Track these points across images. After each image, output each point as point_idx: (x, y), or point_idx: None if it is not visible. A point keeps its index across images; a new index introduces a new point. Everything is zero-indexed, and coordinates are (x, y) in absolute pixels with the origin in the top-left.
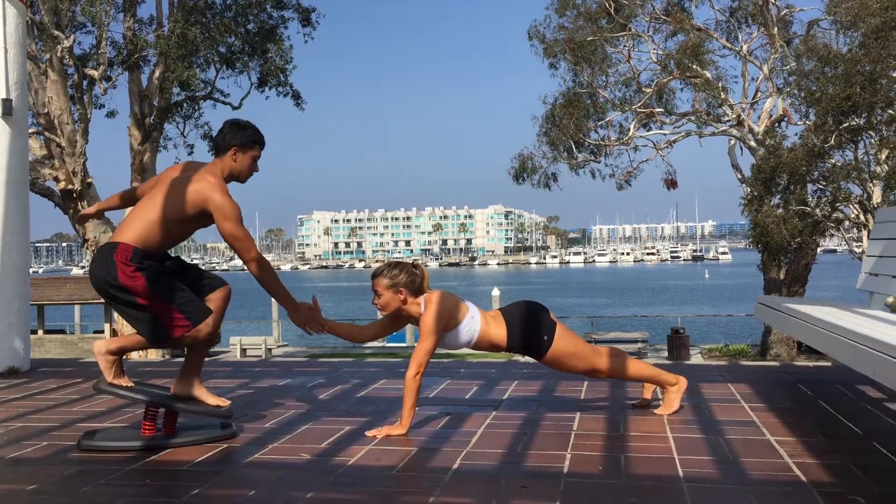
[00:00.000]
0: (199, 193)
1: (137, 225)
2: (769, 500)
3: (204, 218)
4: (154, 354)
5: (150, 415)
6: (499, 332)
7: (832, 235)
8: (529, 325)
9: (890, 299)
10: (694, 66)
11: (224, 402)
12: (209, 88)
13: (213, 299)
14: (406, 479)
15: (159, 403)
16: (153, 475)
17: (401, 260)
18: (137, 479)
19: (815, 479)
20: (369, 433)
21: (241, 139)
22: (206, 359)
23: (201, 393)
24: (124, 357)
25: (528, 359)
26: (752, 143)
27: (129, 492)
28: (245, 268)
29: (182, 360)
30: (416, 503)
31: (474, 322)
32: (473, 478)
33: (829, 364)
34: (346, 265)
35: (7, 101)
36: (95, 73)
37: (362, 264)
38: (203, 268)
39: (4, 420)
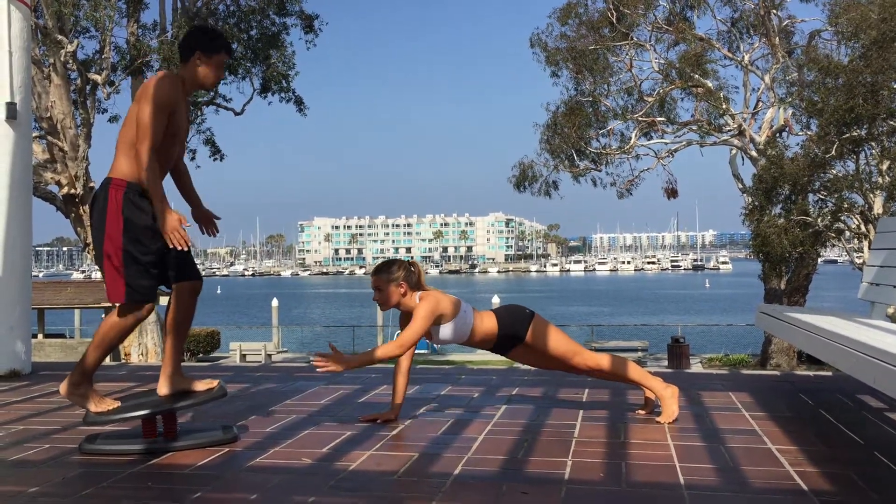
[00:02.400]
0: (142, 87)
1: (116, 157)
2: None
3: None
4: (154, 358)
5: (148, 423)
6: (490, 323)
7: (833, 246)
8: (514, 310)
9: (891, 309)
10: (696, 76)
11: (213, 384)
12: (212, 94)
13: (182, 289)
14: (407, 484)
15: (154, 413)
16: (155, 478)
17: (398, 258)
18: (140, 483)
19: (815, 487)
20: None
21: (205, 43)
22: (206, 363)
23: (188, 384)
24: (124, 360)
25: (528, 367)
26: (754, 153)
27: (132, 494)
28: (244, 274)
29: (187, 364)
30: None
31: (467, 316)
32: (474, 483)
33: (829, 373)
34: (347, 271)
35: (11, 105)
36: (98, 78)
37: (363, 271)
38: (192, 259)
39: (6, 422)
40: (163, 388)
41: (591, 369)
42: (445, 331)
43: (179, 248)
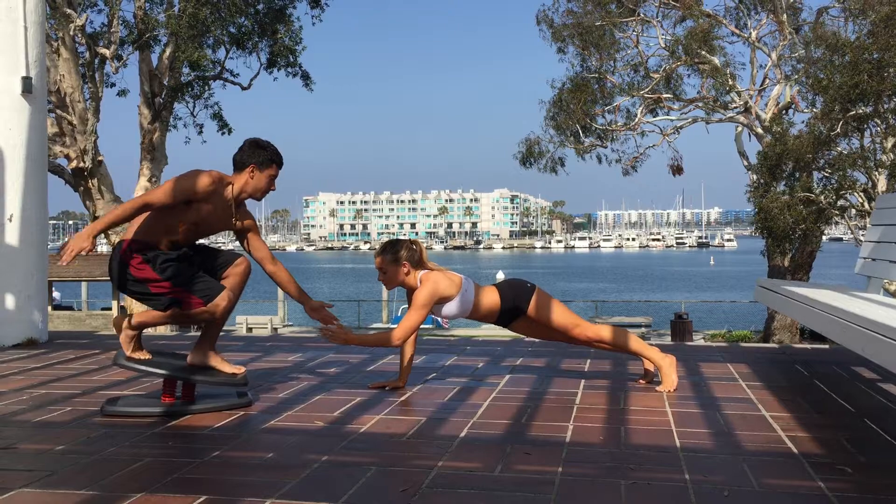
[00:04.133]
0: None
1: (138, 222)
2: (761, 469)
3: (190, 203)
4: (164, 328)
5: (169, 383)
6: (492, 297)
7: (837, 223)
8: (515, 282)
9: (893, 286)
10: (702, 52)
11: (239, 370)
12: (219, 69)
13: (231, 274)
14: (416, 444)
15: (177, 376)
16: (175, 438)
17: (400, 238)
18: (161, 442)
19: (806, 450)
20: (372, 384)
21: (259, 158)
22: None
23: (217, 362)
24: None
25: (532, 339)
26: (759, 130)
27: (154, 452)
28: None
29: (195, 335)
30: (426, 466)
31: (468, 293)
32: (480, 445)
33: (826, 347)
34: (352, 247)
35: (27, 79)
36: (107, 52)
37: (367, 246)
38: (219, 248)
39: (28, 387)
40: (192, 357)
41: (591, 340)
42: (448, 308)
43: (60, 256)
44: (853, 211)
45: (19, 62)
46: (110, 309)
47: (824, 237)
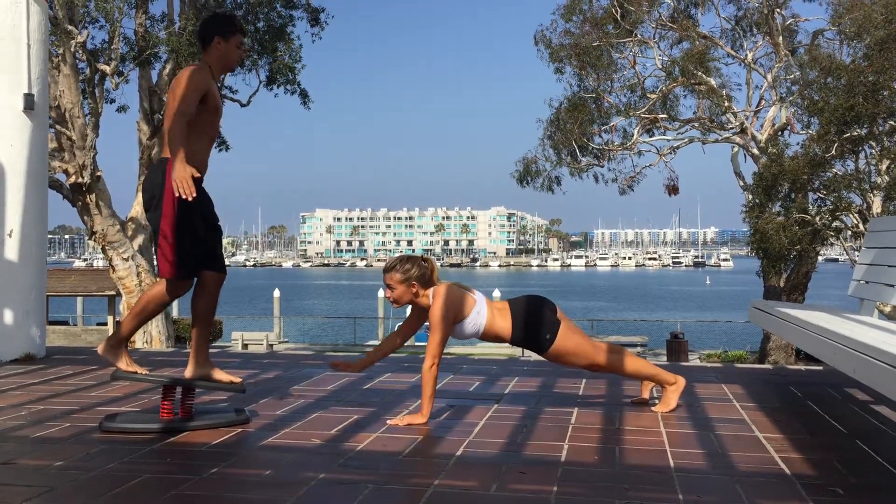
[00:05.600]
0: (176, 78)
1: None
2: (754, 489)
3: (203, 98)
4: (158, 345)
5: (168, 399)
6: (504, 325)
7: (832, 244)
8: (533, 323)
9: (887, 308)
10: (699, 74)
11: (237, 379)
12: (218, 84)
13: (208, 279)
14: (412, 463)
15: (177, 382)
16: (173, 455)
17: (411, 254)
18: (159, 458)
19: (798, 471)
20: (391, 421)
21: (221, 28)
22: (214, 350)
23: (214, 372)
24: (129, 346)
25: (528, 356)
26: (755, 151)
27: (153, 469)
28: (246, 264)
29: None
30: (422, 485)
31: (481, 316)
32: (475, 464)
33: (820, 368)
34: (348, 264)
35: (29, 96)
36: (107, 69)
37: (364, 263)
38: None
39: (26, 403)
40: (189, 372)
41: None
42: (457, 329)
43: (182, 196)
44: (848, 232)
45: (22, 80)
46: (106, 324)
47: (820, 258)
